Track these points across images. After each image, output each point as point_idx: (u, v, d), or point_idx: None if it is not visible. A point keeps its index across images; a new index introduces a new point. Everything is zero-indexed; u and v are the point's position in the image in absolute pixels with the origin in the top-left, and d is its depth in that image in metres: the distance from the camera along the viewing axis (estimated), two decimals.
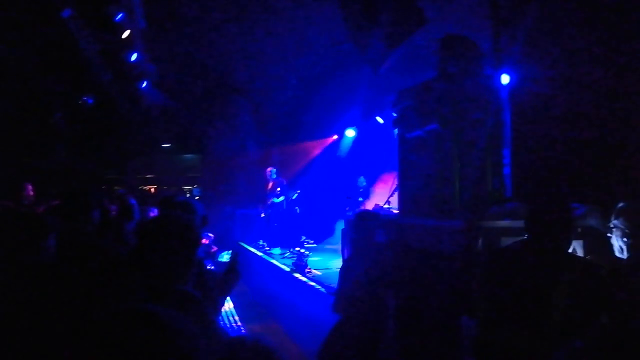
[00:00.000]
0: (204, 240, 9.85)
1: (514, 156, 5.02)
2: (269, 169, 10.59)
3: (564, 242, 2.18)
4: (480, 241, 3.02)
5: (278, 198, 10.26)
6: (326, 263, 7.74)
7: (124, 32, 9.18)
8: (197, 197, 17.99)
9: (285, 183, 10.45)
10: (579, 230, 2.18)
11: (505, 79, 5.53)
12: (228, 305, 7.20)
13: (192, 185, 19.71)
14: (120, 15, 8.75)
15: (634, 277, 2.00)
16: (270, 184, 10.39)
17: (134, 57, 9.86)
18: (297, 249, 8.64)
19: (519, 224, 3.34)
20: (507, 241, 3.14)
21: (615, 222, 2.17)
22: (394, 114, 4.79)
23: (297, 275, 6.74)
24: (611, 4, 4.36)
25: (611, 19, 4.35)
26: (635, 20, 4.11)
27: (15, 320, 1.86)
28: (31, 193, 6.77)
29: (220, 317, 4.20)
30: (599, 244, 2.34)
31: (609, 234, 2.20)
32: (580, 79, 4.60)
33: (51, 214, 2.28)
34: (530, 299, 2.07)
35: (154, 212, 4.07)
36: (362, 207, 9.71)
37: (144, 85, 11.22)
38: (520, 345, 2.06)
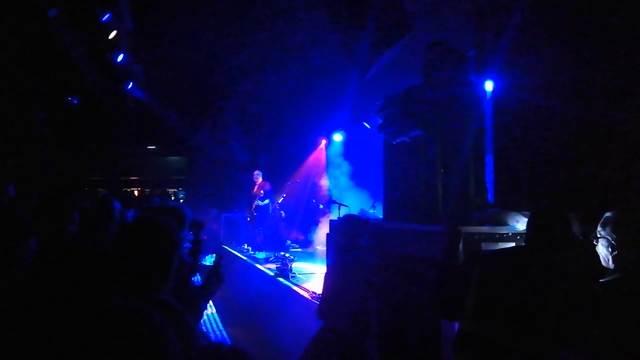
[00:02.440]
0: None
1: (497, 162, 5.09)
2: (255, 172, 10.57)
3: (561, 250, 2.20)
4: (460, 246, 3.05)
5: (263, 201, 10.25)
6: (311, 268, 7.74)
7: (111, 32, 9.11)
8: (181, 200, 17.86)
9: (270, 187, 10.45)
10: (598, 235, 2.18)
11: (489, 85, 5.61)
12: (210, 309, 7.15)
13: (178, 188, 19.56)
14: (107, 16, 8.69)
15: (619, 289, 2.02)
16: (256, 188, 10.38)
17: (120, 57, 9.78)
18: (282, 253, 8.63)
19: (500, 229, 3.40)
20: (487, 247, 3.18)
21: (601, 231, 2.16)
22: (380, 120, 4.82)
23: (281, 279, 6.72)
24: (595, 12, 4.45)
25: (595, 25, 4.44)
26: (619, 27, 4.20)
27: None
28: (12, 194, 6.66)
29: (201, 323, 4.17)
30: (583, 252, 2.37)
31: (594, 242, 2.21)
32: (564, 86, 4.68)
33: (32, 215, 2.25)
34: (523, 303, 2.10)
35: (130, 214, 4.03)
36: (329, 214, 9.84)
37: (129, 86, 11.13)
38: (508, 344, 2.09)
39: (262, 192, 10.21)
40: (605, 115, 4.32)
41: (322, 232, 9.30)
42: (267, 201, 10.29)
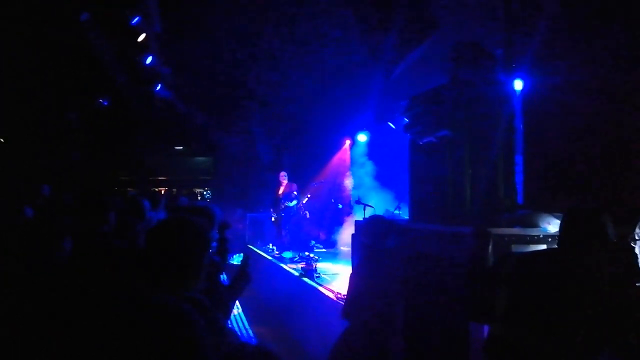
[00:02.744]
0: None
1: (526, 163, 4.99)
2: (281, 173, 10.62)
3: (596, 253, 2.14)
4: (490, 248, 3.00)
5: (291, 202, 10.29)
6: (335, 268, 7.73)
7: (140, 35, 9.31)
8: (207, 199, 18.10)
9: (296, 188, 10.49)
10: (636, 237, 2.13)
11: (518, 84, 5.50)
12: (237, 308, 7.23)
13: (204, 188, 19.84)
14: (136, 19, 8.89)
15: None
16: (282, 188, 10.42)
17: (149, 60, 9.99)
18: (307, 253, 8.65)
19: (530, 231, 3.33)
20: (517, 249, 3.12)
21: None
22: (406, 120, 4.78)
23: (306, 279, 6.75)
24: (627, 11, 4.33)
25: (626, 25, 4.32)
26: None
27: (31, 321, 1.90)
28: (47, 194, 6.88)
29: (229, 321, 4.22)
30: (619, 255, 2.30)
31: (632, 244, 2.16)
32: (595, 85, 4.56)
33: (67, 215, 2.32)
34: (556, 306, 2.06)
35: (161, 215, 4.11)
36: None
37: (157, 88, 11.35)
38: (540, 348, 2.04)
39: (294, 192, 10.25)
40: (638, 115, 4.20)
41: (346, 232, 9.30)
42: (294, 202, 10.33)
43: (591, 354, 2.00)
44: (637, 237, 2.11)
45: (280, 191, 10.43)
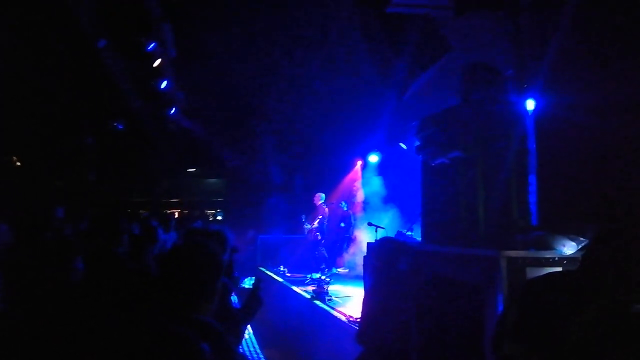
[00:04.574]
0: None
1: (540, 183, 4.92)
2: (317, 194, 10.73)
3: (610, 278, 2.07)
4: (504, 271, 2.95)
5: (342, 222, 10.44)
6: (347, 291, 7.65)
7: (155, 61, 9.53)
8: (219, 220, 18.16)
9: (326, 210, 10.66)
10: None
11: (530, 104, 5.48)
12: (248, 331, 7.17)
13: (216, 210, 19.91)
14: (152, 45, 9.10)
15: None
16: (326, 209, 10.54)
17: (164, 84, 10.19)
18: (318, 275, 8.58)
19: (546, 254, 3.26)
20: (532, 271, 3.06)
21: None
22: (418, 141, 4.78)
23: (317, 302, 6.68)
24: (637, 32, 4.32)
25: (637, 45, 4.30)
26: None
27: (44, 337, 1.91)
28: (61, 215, 6.97)
29: (241, 345, 4.19)
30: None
31: None
32: (608, 106, 4.53)
33: (82, 236, 2.35)
34: (549, 325, 2.01)
35: (172, 236, 4.13)
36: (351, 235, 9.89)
37: (172, 111, 11.55)
38: None
39: (351, 211, 10.47)
40: None
41: (358, 254, 9.22)
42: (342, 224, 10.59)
43: None
44: None
45: (325, 214, 10.59)
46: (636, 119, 4.22)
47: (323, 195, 10.71)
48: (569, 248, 3.21)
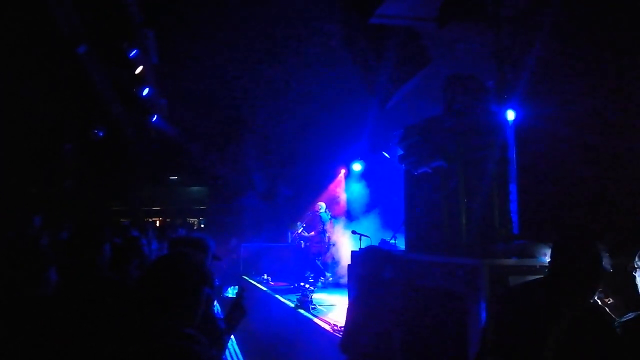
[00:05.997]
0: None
1: (521, 192, 5.01)
2: (318, 203, 10.70)
3: (585, 285, 2.06)
4: (486, 279, 2.98)
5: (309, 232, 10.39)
6: (331, 299, 7.63)
7: (137, 67, 9.43)
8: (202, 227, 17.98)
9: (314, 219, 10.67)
10: (636, 266, 2.10)
11: (511, 115, 5.58)
12: (231, 341, 7.08)
13: (198, 218, 19.70)
14: (134, 52, 9.01)
15: None
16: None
17: (145, 91, 10.09)
18: (302, 283, 8.54)
19: (527, 262, 3.31)
20: (514, 280, 3.10)
21: (639, 262, 2.09)
22: (401, 150, 4.82)
23: (301, 311, 6.65)
24: (620, 40, 4.43)
25: (621, 54, 4.42)
26: (637, 58, 4.17)
27: (16, 351, 1.86)
28: (38, 224, 6.80)
29: (224, 355, 4.13)
30: (619, 283, 2.27)
31: (634, 274, 2.13)
32: (586, 116, 4.63)
33: (61, 246, 2.29)
34: (524, 338, 2.01)
35: (153, 245, 4.07)
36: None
37: (154, 119, 11.43)
38: None
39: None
40: (631, 144, 4.25)
41: (342, 263, 9.22)
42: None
43: None
44: (636, 266, 2.08)
45: (327, 226, 10.61)
46: (614, 129, 4.33)
47: (323, 204, 10.70)
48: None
